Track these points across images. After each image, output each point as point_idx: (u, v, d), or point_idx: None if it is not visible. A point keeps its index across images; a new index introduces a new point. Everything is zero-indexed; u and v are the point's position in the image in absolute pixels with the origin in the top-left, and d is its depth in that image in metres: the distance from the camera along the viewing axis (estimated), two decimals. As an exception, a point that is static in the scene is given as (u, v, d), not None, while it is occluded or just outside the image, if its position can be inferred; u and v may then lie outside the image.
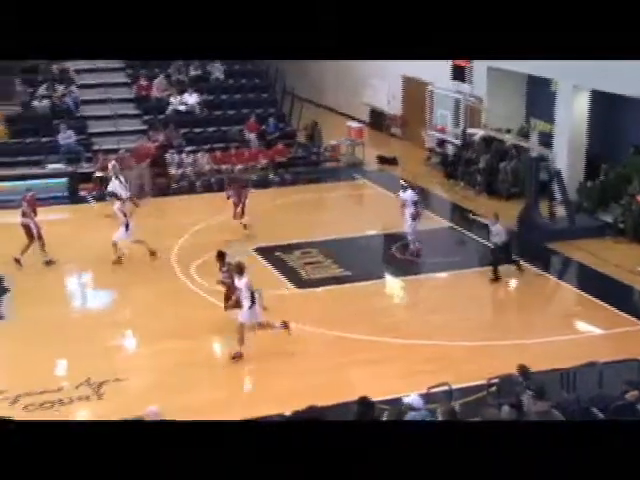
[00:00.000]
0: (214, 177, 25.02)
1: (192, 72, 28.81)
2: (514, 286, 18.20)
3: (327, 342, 14.93)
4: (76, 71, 27.76)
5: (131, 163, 23.88)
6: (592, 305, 16.70)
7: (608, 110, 22.37)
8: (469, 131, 26.10)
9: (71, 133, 25.16)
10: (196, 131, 27.01)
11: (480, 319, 16.66)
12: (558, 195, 21.02)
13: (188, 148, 25.84)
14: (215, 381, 13.53)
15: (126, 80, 28.40)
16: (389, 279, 18.72)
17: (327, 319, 15.75)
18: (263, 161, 25.90)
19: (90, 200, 23.35)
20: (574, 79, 21.52)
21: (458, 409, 10.26)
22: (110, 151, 24.78)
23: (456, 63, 26.04)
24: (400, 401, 10.57)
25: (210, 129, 27.26)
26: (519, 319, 16.92)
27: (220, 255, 15.38)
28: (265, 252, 19.22)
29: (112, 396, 12.96)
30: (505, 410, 9.77)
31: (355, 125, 28.90)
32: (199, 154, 25.55)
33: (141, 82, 28.08)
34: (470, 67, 26.02)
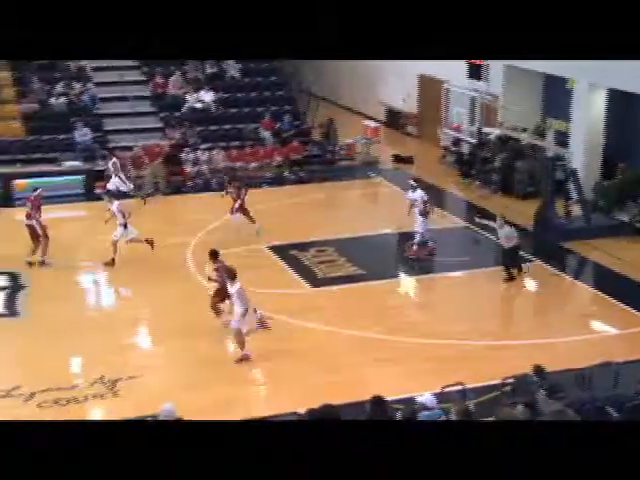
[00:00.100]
0: (228, 175, 25.07)
1: (208, 70, 28.87)
2: (530, 286, 18.12)
3: (341, 341, 14.91)
4: (93, 69, 27.88)
5: (144, 161, 23.97)
6: (608, 305, 16.61)
7: (625, 109, 22.25)
8: (485, 130, 26.02)
9: (87, 131, 25.24)
10: (212, 129, 27.05)
11: (495, 319, 16.61)
12: (574, 194, 20.91)
13: (203, 146, 25.88)
14: (230, 379, 13.53)
15: (142, 78, 28.49)
16: (404, 278, 18.69)
17: (341, 318, 15.74)
18: (278, 159, 25.90)
19: (105, 198, 23.40)
20: (591, 77, 21.41)
21: (472, 409, 10.23)
22: (126, 149, 24.93)
23: (472, 61, 25.96)
24: (413, 400, 10.55)
25: (226, 127, 27.30)
26: (534, 319, 16.86)
27: (213, 254, 15.13)
28: (280, 250, 19.23)
29: (126, 393, 13.00)
30: (520, 410, 9.72)
31: (371, 124, 28.86)
32: (214, 152, 25.58)
33: (157, 80, 28.15)
34: (486, 65, 25.92)
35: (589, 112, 22.37)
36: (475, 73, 26.39)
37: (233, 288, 13.80)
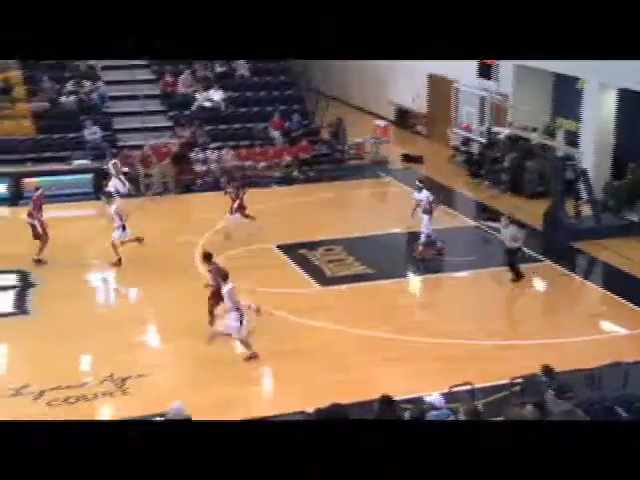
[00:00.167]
0: (238, 174, 25.09)
1: (218, 69, 28.90)
2: (539, 286, 18.08)
3: (350, 340, 14.91)
4: (103, 67, 27.94)
5: (152, 160, 24.00)
6: (617, 305, 16.56)
7: (635, 109, 22.15)
8: (494, 129, 25.97)
9: (97, 129, 25.30)
10: (221, 128, 27.07)
11: (504, 318, 16.58)
12: (584, 194, 20.84)
13: (213, 145, 25.91)
14: (238, 378, 13.53)
15: (152, 76, 28.53)
16: (412, 277, 18.66)
17: (350, 317, 15.73)
18: (287, 158, 25.90)
19: (115, 196, 23.45)
20: (601, 77, 21.33)
21: (481, 408, 10.22)
22: (135, 147, 24.98)
23: (482, 60, 25.91)
24: (422, 400, 10.55)
25: (235, 126, 27.32)
26: (544, 319, 16.82)
27: (206, 256, 14.98)
28: (289, 249, 19.23)
29: (136, 391, 13.03)
30: (528, 410, 9.70)
31: (381, 123, 28.82)
32: (223, 151, 25.60)
33: (167, 78, 28.20)
34: (496, 64, 25.87)
35: (599, 112, 22.30)
36: (485, 72, 26.34)
37: (225, 288, 13.81)
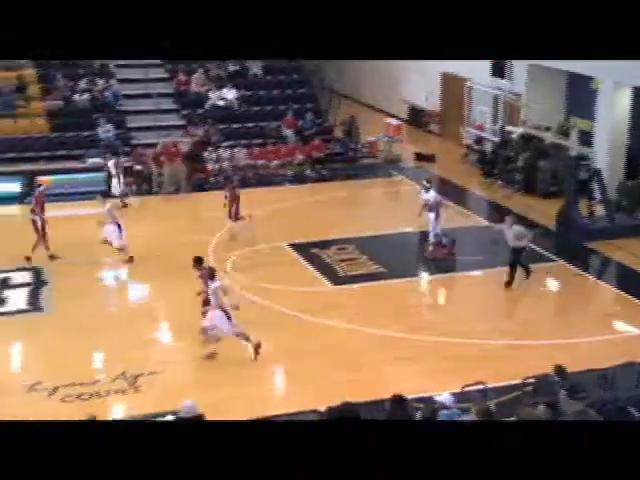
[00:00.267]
0: (251, 172, 25.16)
1: (230, 67, 28.94)
2: (552, 286, 18.03)
3: (362, 339, 14.90)
4: (116, 66, 28.03)
5: (164, 160, 24.05)
6: (631, 305, 16.49)
7: (650, 108, 22.07)
8: (508, 128, 25.90)
9: (110, 127, 25.39)
10: (234, 126, 27.12)
11: (516, 318, 16.53)
12: (598, 194, 20.76)
13: (225, 143, 25.95)
14: (250, 376, 13.55)
15: (165, 75, 28.60)
16: (425, 276, 18.63)
17: (362, 316, 15.72)
18: (300, 157, 25.93)
19: (128, 194, 23.53)
20: (616, 76, 21.24)
21: (493, 408, 10.19)
22: (148, 145, 25.04)
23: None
24: (432, 399, 10.54)
25: (248, 124, 27.36)
26: (557, 319, 16.76)
27: (197, 260, 14.76)
28: (301, 248, 19.24)
29: (148, 389, 13.07)
30: (541, 410, 9.67)
31: (393, 122, 28.80)
32: (236, 149, 25.64)
33: (180, 77, 28.27)
34: (510, 63, 25.80)
35: (614, 111, 22.20)
36: (498, 71, 26.29)
37: (211, 286, 13.81)
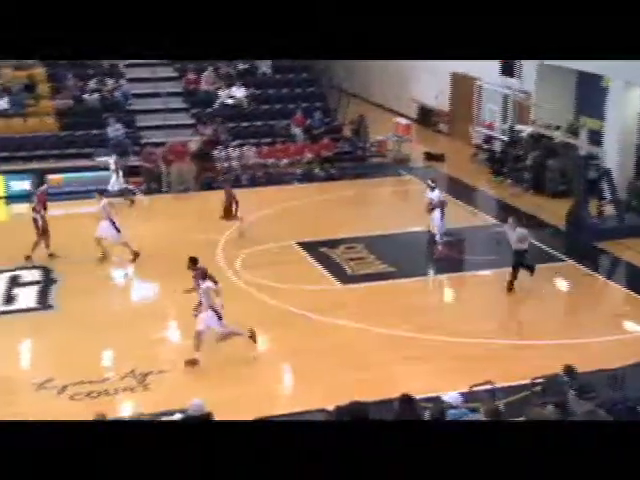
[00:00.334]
0: (260, 171, 25.17)
1: (240, 66, 28.94)
2: (562, 286, 17.98)
3: (370, 338, 14.89)
4: (126, 65, 28.07)
5: (172, 159, 24.08)
6: (641, 305, 16.45)
7: (661, 107, 21.98)
8: (517, 127, 25.85)
9: (120, 126, 25.42)
10: (243, 125, 27.13)
11: (526, 318, 16.49)
12: (607, 194, 20.70)
13: (235, 142, 25.95)
14: (259, 375, 13.56)
15: (175, 74, 28.62)
16: (433, 276, 18.61)
17: (371, 315, 15.71)
18: (309, 155, 25.92)
19: (137, 193, 23.60)
20: (626, 75, 21.16)
21: (502, 408, 10.17)
22: (158, 144, 25.08)
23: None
24: (439, 399, 10.52)
25: (257, 123, 27.36)
26: (566, 318, 16.73)
27: (192, 261, 14.73)
28: (309, 247, 19.24)
29: (156, 387, 13.10)
30: (550, 410, 9.65)
31: (402, 121, 28.75)
32: (245, 148, 25.65)
33: (189, 76, 28.29)
34: (519, 62, 25.73)
35: (624, 111, 22.11)
36: (508, 70, 26.22)
37: (202, 286, 13.82)
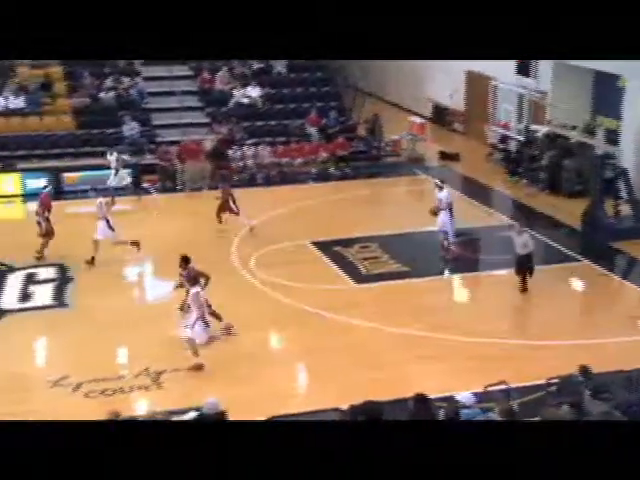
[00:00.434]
0: (274, 170, 25.20)
1: (255, 65, 28.98)
2: (577, 286, 17.91)
3: (384, 338, 14.88)
4: (142, 63, 28.17)
5: (186, 158, 24.14)
6: (657, 306, 16.36)
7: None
8: (533, 127, 25.74)
9: (135, 125, 25.52)
10: (258, 124, 27.16)
11: (540, 318, 16.41)
12: (624, 193, 20.59)
13: (249, 141, 25.99)
14: (272, 374, 13.56)
15: (190, 73, 28.69)
16: (447, 275, 18.55)
17: (385, 314, 15.69)
18: (324, 155, 25.92)
19: (153, 191, 23.69)
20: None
21: (516, 408, 10.14)
22: (173, 143, 25.15)
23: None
24: (452, 399, 10.50)
25: (272, 122, 27.38)
26: (581, 319, 16.65)
27: (184, 260, 14.68)
28: (324, 246, 19.24)
29: (171, 385, 13.13)
30: (565, 410, 9.61)
31: (417, 120, 28.70)
32: (260, 147, 25.67)
33: (204, 75, 28.35)
34: (535, 61, 25.63)
35: (641, 110, 21.98)
36: (523, 70, 26.12)
37: (191, 291, 13.74)
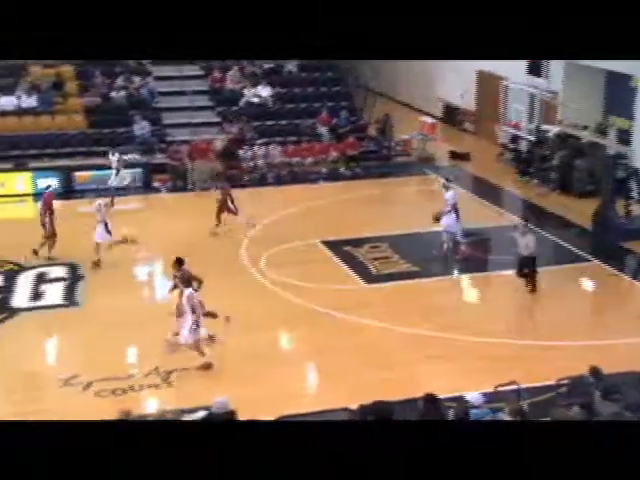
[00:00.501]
0: (285, 170, 25.21)
1: (265, 65, 28.99)
2: (588, 286, 17.85)
3: (394, 338, 14.87)
4: (152, 63, 28.22)
5: (196, 157, 24.20)
6: (668, 307, 16.29)
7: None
8: (544, 127, 25.67)
9: (146, 124, 25.57)
10: (268, 124, 27.18)
11: (551, 318, 16.36)
12: (635, 194, 20.53)
13: (260, 140, 26.01)
14: (282, 374, 13.57)
15: (200, 72, 28.73)
16: (458, 276, 18.53)
17: (395, 314, 15.69)
18: (334, 154, 25.91)
19: (163, 191, 23.74)
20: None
21: (526, 409, 10.12)
22: (184, 142, 25.18)
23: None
24: (461, 399, 10.49)
25: (282, 122, 27.39)
26: (592, 319, 16.61)
27: (178, 262, 14.69)
28: (334, 246, 19.24)
29: (180, 385, 13.16)
30: (575, 411, 9.59)
31: (428, 120, 28.66)
32: (271, 146, 25.69)
33: (215, 74, 28.39)
34: (546, 61, 25.56)
35: (653, 110, 21.91)
36: (535, 69, 26.05)
37: (185, 292, 13.73)
